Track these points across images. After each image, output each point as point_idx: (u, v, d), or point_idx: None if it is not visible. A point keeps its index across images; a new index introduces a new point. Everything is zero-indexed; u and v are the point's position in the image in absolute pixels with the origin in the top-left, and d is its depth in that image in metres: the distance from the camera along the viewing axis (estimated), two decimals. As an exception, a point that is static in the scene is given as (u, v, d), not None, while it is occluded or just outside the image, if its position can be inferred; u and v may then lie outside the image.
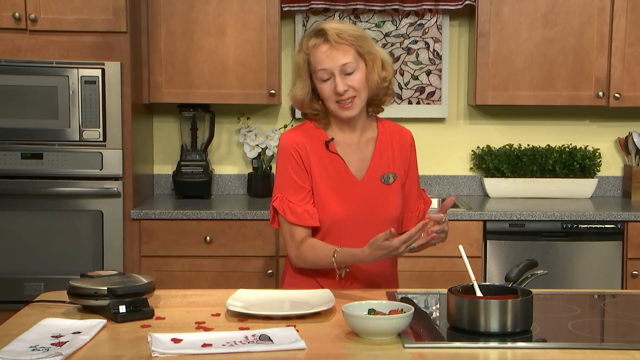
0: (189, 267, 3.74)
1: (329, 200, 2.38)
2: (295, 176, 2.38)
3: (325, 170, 2.39)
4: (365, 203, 2.40)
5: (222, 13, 3.94)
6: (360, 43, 2.34)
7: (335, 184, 2.39)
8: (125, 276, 2.17)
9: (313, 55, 2.34)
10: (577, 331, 1.98)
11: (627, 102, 4.00)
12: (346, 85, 2.32)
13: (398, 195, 2.45)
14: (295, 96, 2.41)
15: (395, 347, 1.81)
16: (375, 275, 2.45)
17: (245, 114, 4.27)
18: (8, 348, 1.76)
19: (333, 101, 2.34)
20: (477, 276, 2.62)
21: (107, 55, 3.67)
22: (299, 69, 2.39)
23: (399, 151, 2.48)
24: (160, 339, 1.80)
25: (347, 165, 2.41)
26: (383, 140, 2.46)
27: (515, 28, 3.99)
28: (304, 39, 2.39)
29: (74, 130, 3.67)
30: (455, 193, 4.36)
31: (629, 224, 3.75)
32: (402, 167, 2.48)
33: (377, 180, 2.42)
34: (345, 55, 2.31)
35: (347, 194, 2.39)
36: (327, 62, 2.31)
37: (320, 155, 2.40)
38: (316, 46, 2.33)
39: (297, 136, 2.42)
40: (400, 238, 2.15)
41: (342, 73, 2.31)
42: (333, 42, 2.31)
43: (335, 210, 2.38)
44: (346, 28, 2.35)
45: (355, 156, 2.43)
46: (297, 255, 2.39)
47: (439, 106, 4.32)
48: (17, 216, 3.68)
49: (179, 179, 4.09)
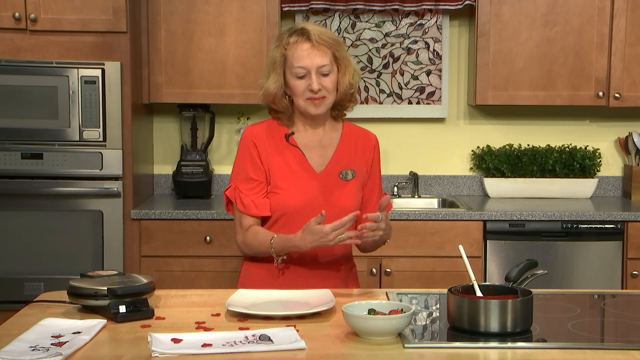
0: (189, 267, 3.74)
1: (285, 189, 2.44)
2: (249, 168, 2.47)
3: (285, 161, 2.46)
4: (320, 195, 2.44)
5: (222, 13, 3.95)
6: (337, 47, 2.44)
7: (294, 175, 2.45)
8: (125, 276, 2.17)
9: (292, 52, 2.40)
10: (577, 331, 1.98)
11: (627, 102, 4.00)
12: (320, 85, 2.39)
13: (355, 192, 2.49)
14: (268, 89, 2.46)
15: (395, 347, 1.81)
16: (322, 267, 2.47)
17: (245, 114, 4.27)
18: (8, 348, 1.76)
19: (304, 98, 2.42)
20: (477, 276, 2.62)
21: (107, 55, 3.67)
22: (275, 64, 2.45)
23: (362, 152, 2.53)
24: (160, 339, 1.80)
25: (307, 159, 2.47)
26: (346, 140, 2.53)
27: (515, 28, 3.99)
28: (284, 35, 2.45)
29: (74, 130, 3.67)
30: (455, 193, 4.36)
31: (629, 224, 3.75)
32: (363, 168, 2.53)
33: (335, 175, 2.47)
34: (323, 57, 2.40)
35: (303, 185, 2.44)
36: (306, 60, 2.38)
37: (280, 148, 2.48)
38: (297, 43, 2.40)
39: (258, 130, 2.51)
40: (331, 224, 2.22)
41: (318, 73, 2.39)
42: (314, 42, 2.39)
43: (290, 199, 2.43)
44: (326, 31, 2.46)
45: (316, 151, 2.49)
46: (242, 242, 2.48)
47: (439, 106, 4.32)
48: (17, 216, 3.68)
49: (179, 179, 4.09)
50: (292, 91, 2.43)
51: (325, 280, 2.43)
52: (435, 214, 3.75)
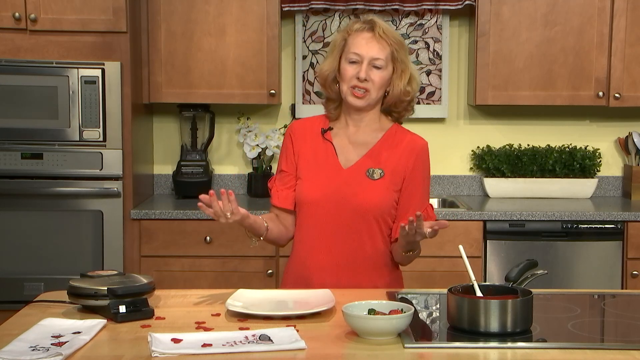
0: (189, 267, 3.74)
1: (306, 180, 2.45)
2: (283, 160, 2.52)
3: (314, 155, 2.47)
4: (341, 190, 2.41)
5: (222, 13, 3.95)
6: (398, 48, 2.43)
7: (317, 168, 2.45)
8: (125, 276, 2.17)
9: (353, 37, 2.42)
10: (577, 331, 1.98)
11: (627, 102, 4.00)
12: (368, 75, 2.38)
13: (382, 192, 2.42)
14: (322, 70, 2.48)
15: (395, 347, 1.81)
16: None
17: (245, 114, 4.27)
18: (8, 348, 1.75)
19: (349, 85, 2.41)
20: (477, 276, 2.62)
21: (107, 55, 3.67)
22: (334, 47, 2.47)
23: (402, 155, 2.45)
24: (160, 339, 1.80)
25: (337, 154, 2.46)
26: (386, 141, 2.48)
27: (515, 28, 3.99)
28: (351, 22, 2.48)
29: (74, 130, 3.67)
30: (455, 193, 4.36)
31: (629, 224, 3.75)
32: (400, 171, 2.45)
33: (362, 172, 2.44)
34: (381, 51, 2.39)
35: (324, 178, 2.44)
36: (363, 48, 2.39)
37: (314, 142, 2.49)
38: (360, 31, 2.42)
39: (299, 123, 2.56)
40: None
41: (370, 64, 2.39)
42: (377, 34, 2.40)
43: (307, 190, 2.44)
44: (392, 30, 2.46)
45: (350, 148, 2.47)
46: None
47: (439, 106, 4.32)
48: (17, 216, 3.68)
49: (179, 179, 4.09)
50: (341, 76, 2.43)
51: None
52: (435, 213, 3.74)
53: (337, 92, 2.47)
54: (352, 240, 2.42)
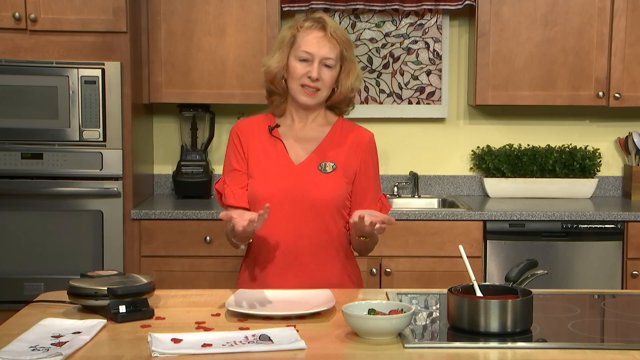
0: (189, 267, 3.74)
1: (257, 178, 2.44)
2: (232, 159, 2.49)
3: (264, 152, 2.47)
4: (295, 186, 2.41)
5: (222, 13, 3.95)
6: (347, 47, 2.46)
7: (269, 165, 2.45)
8: (125, 276, 2.17)
9: (303, 35, 2.42)
10: (577, 331, 1.98)
11: (627, 102, 4.00)
12: (319, 75, 2.40)
13: (336, 185, 2.43)
14: (270, 67, 2.47)
15: (395, 347, 1.81)
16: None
17: (245, 113, 4.26)
18: (8, 348, 1.76)
19: (299, 83, 2.42)
20: (477, 276, 2.62)
21: (107, 55, 3.67)
22: (283, 43, 2.46)
23: (351, 148, 2.48)
24: (160, 339, 1.80)
25: (287, 150, 2.47)
26: (334, 135, 2.50)
27: (515, 28, 3.99)
28: (300, 18, 2.47)
29: (74, 130, 3.67)
30: (455, 193, 4.36)
31: (629, 224, 3.75)
32: (352, 163, 2.47)
33: (314, 167, 2.45)
34: (332, 50, 2.41)
35: (276, 175, 2.43)
36: (314, 47, 2.40)
37: (263, 140, 2.49)
38: (310, 29, 2.42)
39: (244, 122, 2.55)
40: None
41: (321, 63, 2.40)
42: (329, 33, 2.41)
43: (260, 188, 2.42)
44: (341, 29, 2.48)
45: (299, 144, 2.48)
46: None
47: (439, 106, 4.32)
48: (17, 216, 3.69)
49: (179, 179, 4.09)
50: (289, 73, 2.43)
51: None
52: (435, 214, 3.75)
53: (284, 88, 2.47)
54: (307, 234, 2.41)
